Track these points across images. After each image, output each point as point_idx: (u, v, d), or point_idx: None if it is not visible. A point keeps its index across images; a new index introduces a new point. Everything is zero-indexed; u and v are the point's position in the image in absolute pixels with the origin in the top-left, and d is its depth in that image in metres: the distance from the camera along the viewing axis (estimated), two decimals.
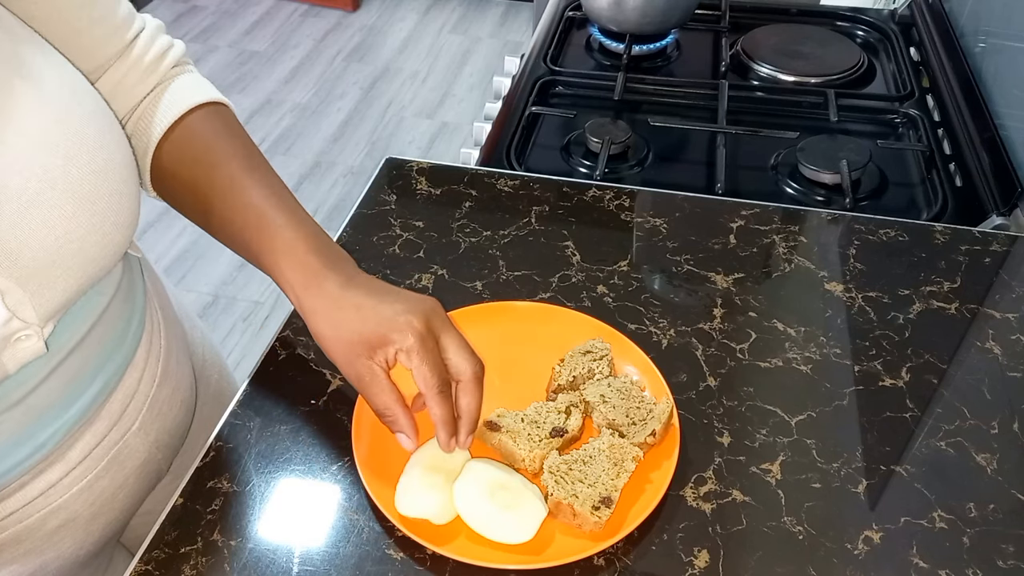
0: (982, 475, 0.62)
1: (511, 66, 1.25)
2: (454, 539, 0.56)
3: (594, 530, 0.56)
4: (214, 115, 0.63)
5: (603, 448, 0.60)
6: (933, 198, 0.96)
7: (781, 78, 1.18)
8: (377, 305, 0.56)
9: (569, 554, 0.55)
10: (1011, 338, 0.73)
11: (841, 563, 0.56)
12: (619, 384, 0.65)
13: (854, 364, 0.70)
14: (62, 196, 0.47)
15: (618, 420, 0.62)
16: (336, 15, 3.36)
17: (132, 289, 0.63)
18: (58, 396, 0.54)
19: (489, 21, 3.33)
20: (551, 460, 0.59)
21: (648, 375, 0.67)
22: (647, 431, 0.61)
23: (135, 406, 0.62)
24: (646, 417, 0.62)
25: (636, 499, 0.58)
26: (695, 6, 1.22)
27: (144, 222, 2.34)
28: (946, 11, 1.26)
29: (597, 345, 0.67)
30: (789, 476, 0.61)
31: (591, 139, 1.02)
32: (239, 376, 0.73)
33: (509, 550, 0.56)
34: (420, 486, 0.56)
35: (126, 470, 0.63)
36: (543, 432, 0.61)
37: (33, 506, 0.57)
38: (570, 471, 0.58)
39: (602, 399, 0.63)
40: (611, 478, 0.58)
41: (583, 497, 0.56)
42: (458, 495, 0.57)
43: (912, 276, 0.79)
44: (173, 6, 3.41)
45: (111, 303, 0.58)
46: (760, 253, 0.81)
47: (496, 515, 0.56)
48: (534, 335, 0.70)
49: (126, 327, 0.61)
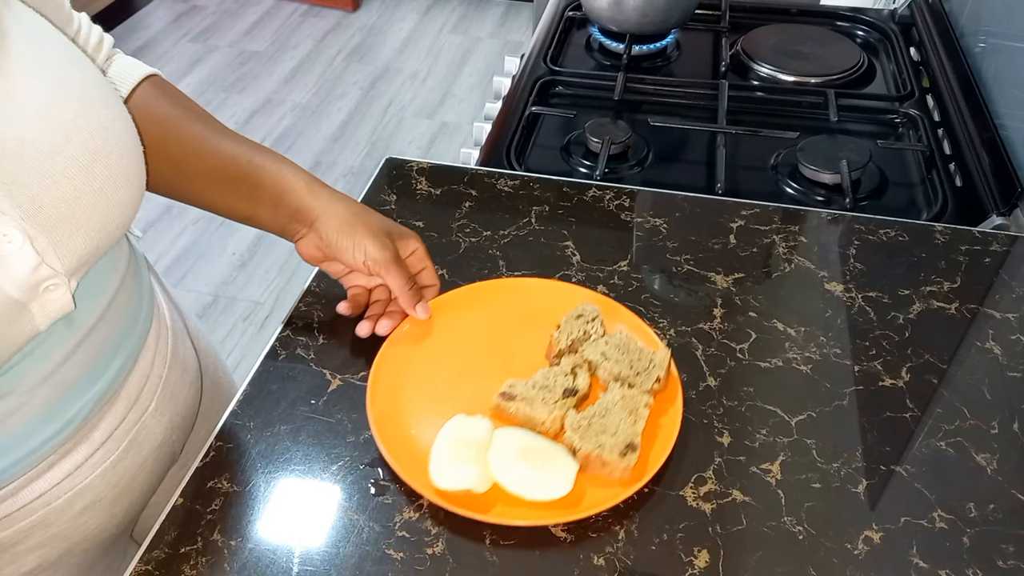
0: (982, 475, 0.62)
1: (511, 66, 1.25)
2: (493, 506, 0.59)
3: (623, 475, 0.59)
4: (162, 83, 0.68)
5: (616, 400, 0.63)
6: (933, 198, 0.96)
7: (781, 78, 1.18)
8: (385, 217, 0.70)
9: (605, 501, 0.58)
10: (1011, 338, 0.73)
11: (841, 563, 0.56)
12: (616, 340, 0.68)
13: (854, 364, 0.70)
14: (76, 148, 0.49)
15: (623, 372, 0.65)
16: (336, 15, 3.36)
17: (139, 269, 0.65)
18: (83, 372, 0.56)
19: (489, 21, 3.33)
20: (571, 418, 0.62)
21: (638, 330, 0.70)
22: (652, 378, 0.64)
23: (150, 388, 0.64)
24: (648, 366, 0.66)
25: (653, 443, 0.62)
26: (695, 6, 1.22)
27: (144, 222, 2.34)
28: (946, 11, 1.26)
29: (587, 308, 0.71)
30: (789, 476, 0.61)
31: (591, 139, 1.02)
32: (239, 376, 0.73)
33: (549, 507, 0.58)
34: (455, 460, 0.59)
35: (144, 451, 0.65)
36: (556, 394, 0.64)
37: (60, 487, 0.58)
38: (590, 425, 0.61)
39: (603, 356, 0.67)
40: (629, 425, 0.61)
41: (609, 446, 0.59)
42: (493, 462, 0.59)
43: (912, 276, 0.79)
44: (173, 6, 3.41)
45: (123, 281, 0.60)
46: (760, 253, 0.81)
47: (533, 475, 0.59)
48: (522, 310, 0.73)
49: (138, 307, 0.63)
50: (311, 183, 0.67)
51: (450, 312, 0.72)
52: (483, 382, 0.66)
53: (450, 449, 0.60)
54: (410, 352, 0.69)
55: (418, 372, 0.68)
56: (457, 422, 0.62)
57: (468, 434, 0.61)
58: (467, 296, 0.74)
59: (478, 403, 0.65)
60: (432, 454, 0.60)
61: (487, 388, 0.65)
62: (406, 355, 0.69)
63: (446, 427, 0.62)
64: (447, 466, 0.59)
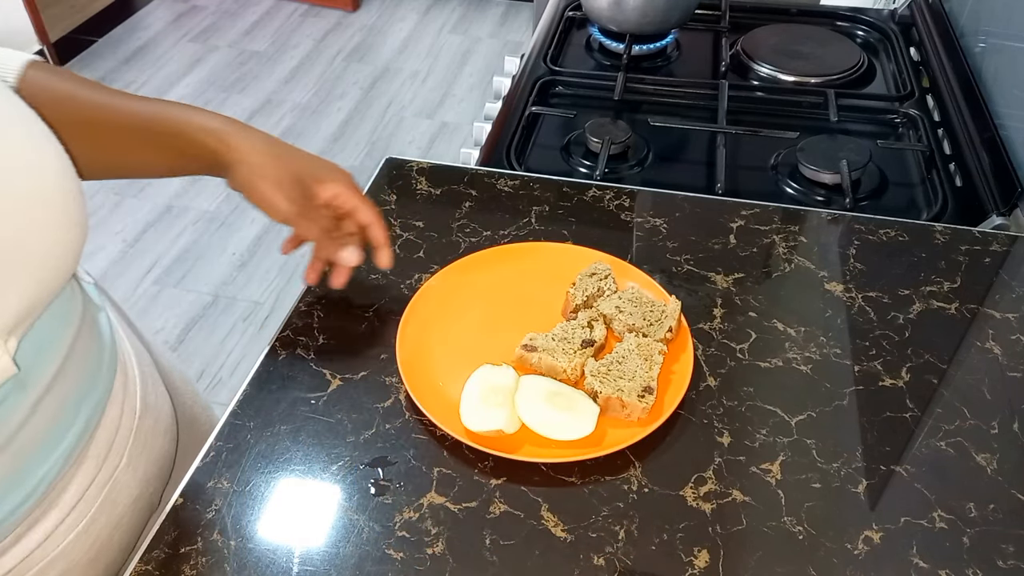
0: (982, 475, 0.62)
1: (511, 66, 1.25)
2: (522, 447, 0.63)
3: (641, 416, 0.64)
4: (46, 65, 0.63)
5: (632, 348, 0.68)
6: (933, 198, 0.96)
7: (781, 78, 1.18)
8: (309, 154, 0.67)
9: (626, 440, 0.62)
10: (1011, 338, 0.73)
11: (841, 563, 0.56)
12: (629, 295, 0.73)
13: (854, 364, 0.70)
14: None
15: (637, 324, 0.70)
16: (336, 15, 3.36)
17: (96, 319, 0.62)
18: (43, 436, 0.53)
19: (489, 21, 3.33)
20: (590, 366, 0.66)
21: (647, 286, 0.75)
22: (665, 328, 0.69)
23: (120, 441, 0.61)
24: (660, 317, 0.70)
25: (667, 387, 0.66)
26: (695, 6, 1.22)
27: (144, 222, 2.34)
28: (946, 11, 1.26)
29: (599, 267, 0.75)
30: (789, 476, 0.61)
31: (591, 139, 1.02)
32: (239, 376, 0.73)
33: (574, 446, 0.62)
34: (485, 405, 0.63)
35: (119, 508, 0.62)
36: (575, 345, 0.68)
37: (31, 559, 0.55)
38: (609, 371, 0.66)
39: (617, 310, 0.71)
40: (646, 371, 0.65)
41: (628, 389, 0.64)
42: (521, 406, 0.64)
43: (912, 276, 0.79)
44: (173, 6, 3.41)
45: (79, 333, 0.57)
46: (760, 253, 0.81)
47: (558, 417, 0.63)
48: (538, 270, 0.78)
49: (98, 360, 0.59)
50: (223, 130, 0.62)
51: (471, 273, 0.77)
52: (505, 336, 0.71)
53: (479, 395, 0.64)
54: (435, 311, 0.74)
55: (443, 329, 0.72)
56: (484, 371, 0.66)
57: (495, 381, 0.65)
58: (485, 259, 0.78)
59: (501, 357, 0.69)
60: (463, 400, 0.64)
61: (509, 342, 0.69)
62: (431, 314, 0.73)
63: (474, 376, 0.66)
64: (477, 410, 0.63)
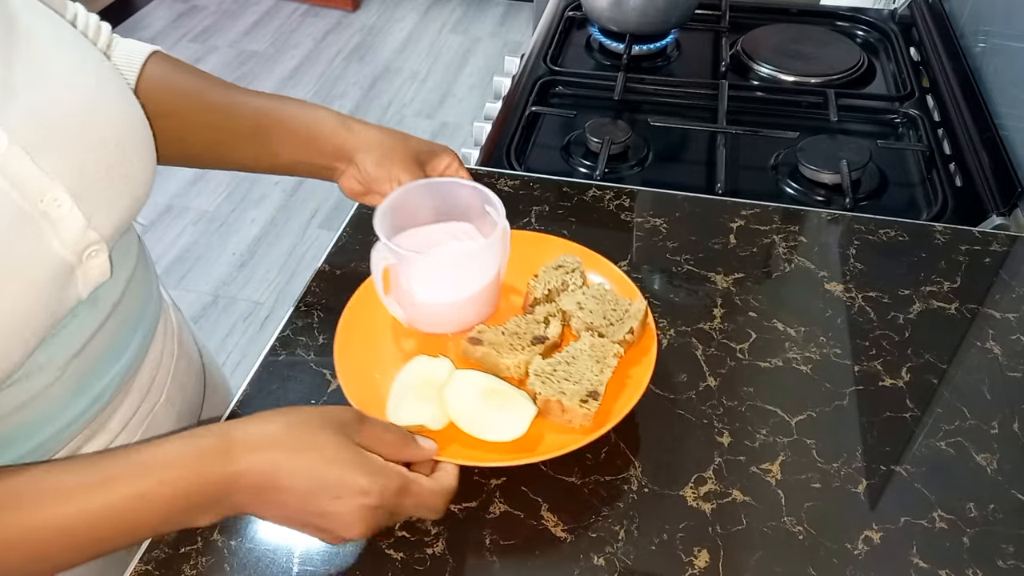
0: (982, 475, 0.62)
1: (511, 66, 1.25)
2: (450, 444, 0.58)
3: (584, 424, 0.59)
4: (168, 57, 0.69)
5: (585, 348, 0.62)
6: (933, 198, 0.96)
7: (781, 78, 1.18)
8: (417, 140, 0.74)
9: (560, 447, 0.57)
10: (1011, 338, 0.73)
11: (841, 563, 0.56)
12: (593, 291, 0.67)
13: (854, 364, 0.70)
14: (103, 119, 0.52)
15: (596, 322, 0.65)
16: (336, 15, 3.35)
17: (147, 258, 0.67)
18: (108, 348, 0.57)
19: (489, 21, 3.32)
20: (536, 364, 0.61)
21: (618, 282, 0.69)
22: (625, 329, 0.64)
23: (160, 378, 0.66)
24: (623, 317, 0.65)
25: (620, 394, 0.61)
26: (695, 6, 1.22)
27: (143, 222, 2.34)
28: (946, 11, 1.26)
29: (568, 259, 0.70)
30: (789, 476, 0.61)
31: (591, 139, 1.02)
32: (239, 376, 0.73)
33: (504, 449, 0.57)
34: (413, 397, 0.59)
35: None
36: (525, 342, 0.63)
37: None
38: (555, 372, 0.61)
39: (578, 306, 0.66)
40: (595, 375, 0.60)
41: (571, 393, 0.59)
42: (451, 400, 0.59)
43: (912, 276, 0.79)
44: (173, 6, 3.41)
45: (136, 264, 0.62)
46: (760, 253, 0.81)
47: (489, 415, 0.58)
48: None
49: (148, 292, 0.64)
50: (344, 119, 0.70)
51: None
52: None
53: (409, 388, 0.60)
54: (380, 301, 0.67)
55: (388, 318, 0.67)
56: (419, 363, 0.62)
57: (429, 374, 0.61)
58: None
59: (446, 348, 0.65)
60: (391, 392, 0.60)
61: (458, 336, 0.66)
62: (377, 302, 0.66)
63: (407, 367, 0.62)
64: (404, 403, 0.59)
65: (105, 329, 0.57)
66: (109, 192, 0.52)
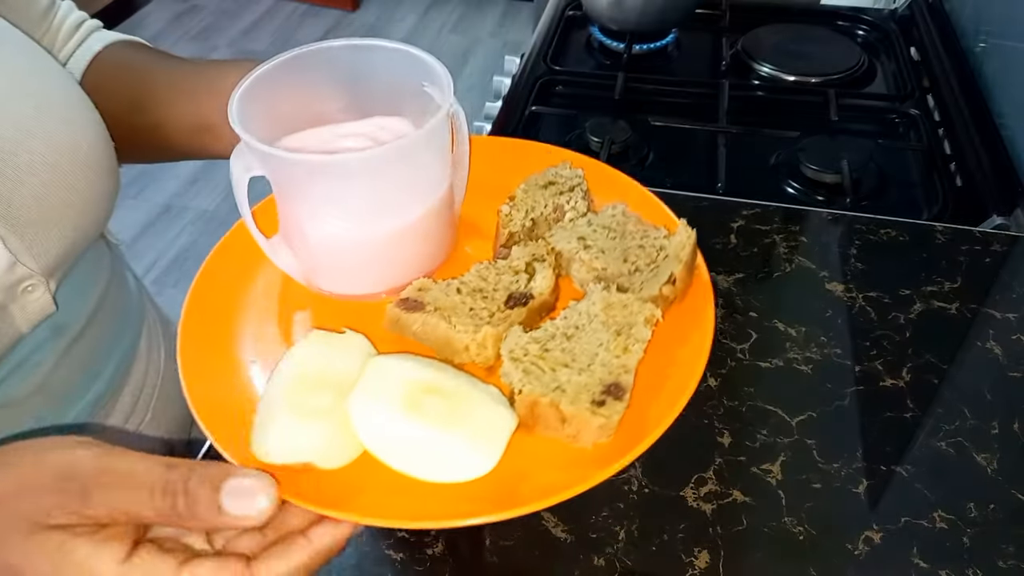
0: (982, 475, 0.62)
1: (511, 66, 1.25)
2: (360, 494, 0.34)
3: (599, 441, 0.35)
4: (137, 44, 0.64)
5: (595, 312, 0.39)
6: (933, 198, 0.96)
7: (782, 78, 1.17)
8: None
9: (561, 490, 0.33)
10: (1011, 338, 0.73)
11: (841, 563, 0.56)
12: (605, 219, 0.44)
13: (854, 364, 0.70)
14: (41, 144, 0.48)
15: (612, 268, 0.41)
16: (336, 15, 3.36)
17: (124, 277, 0.65)
18: (76, 379, 0.55)
19: (489, 21, 3.32)
20: (512, 341, 0.38)
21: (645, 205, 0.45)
22: (662, 277, 0.40)
23: (144, 400, 0.64)
24: (656, 258, 0.41)
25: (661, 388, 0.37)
26: (695, 5, 1.22)
27: (143, 222, 2.34)
28: (946, 11, 1.26)
29: (563, 173, 0.46)
30: (789, 476, 0.61)
31: (591, 139, 1.02)
32: None
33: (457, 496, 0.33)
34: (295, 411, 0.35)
35: None
36: (494, 304, 0.40)
37: None
38: (546, 353, 0.38)
39: (582, 244, 0.42)
40: (615, 356, 0.37)
41: (573, 389, 0.35)
42: (357, 414, 0.35)
43: (912, 276, 0.79)
44: (173, 6, 3.41)
45: (109, 284, 0.59)
46: (760, 253, 0.81)
47: (426, 437, 0.34)
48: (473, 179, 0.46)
49: (126, 313, 0.62)
50: None
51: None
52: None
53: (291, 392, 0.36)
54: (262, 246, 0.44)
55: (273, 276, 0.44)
56: (310, 345, 0.38)
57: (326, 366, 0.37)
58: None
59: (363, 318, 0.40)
60: (260, 403, 0.37)
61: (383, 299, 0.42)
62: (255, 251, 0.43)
63: (290, 354, 0.38)
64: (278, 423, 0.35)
65: (72, 356, 0.54)
66: (44, 221, 0.48)
